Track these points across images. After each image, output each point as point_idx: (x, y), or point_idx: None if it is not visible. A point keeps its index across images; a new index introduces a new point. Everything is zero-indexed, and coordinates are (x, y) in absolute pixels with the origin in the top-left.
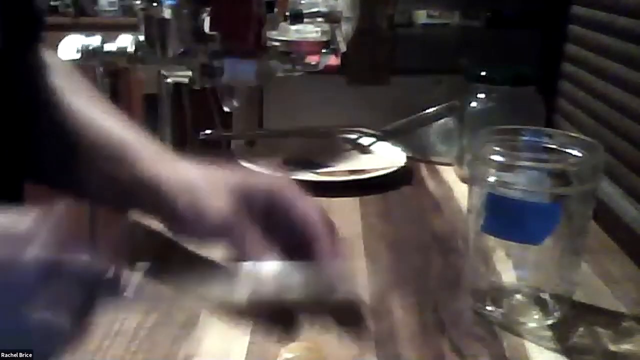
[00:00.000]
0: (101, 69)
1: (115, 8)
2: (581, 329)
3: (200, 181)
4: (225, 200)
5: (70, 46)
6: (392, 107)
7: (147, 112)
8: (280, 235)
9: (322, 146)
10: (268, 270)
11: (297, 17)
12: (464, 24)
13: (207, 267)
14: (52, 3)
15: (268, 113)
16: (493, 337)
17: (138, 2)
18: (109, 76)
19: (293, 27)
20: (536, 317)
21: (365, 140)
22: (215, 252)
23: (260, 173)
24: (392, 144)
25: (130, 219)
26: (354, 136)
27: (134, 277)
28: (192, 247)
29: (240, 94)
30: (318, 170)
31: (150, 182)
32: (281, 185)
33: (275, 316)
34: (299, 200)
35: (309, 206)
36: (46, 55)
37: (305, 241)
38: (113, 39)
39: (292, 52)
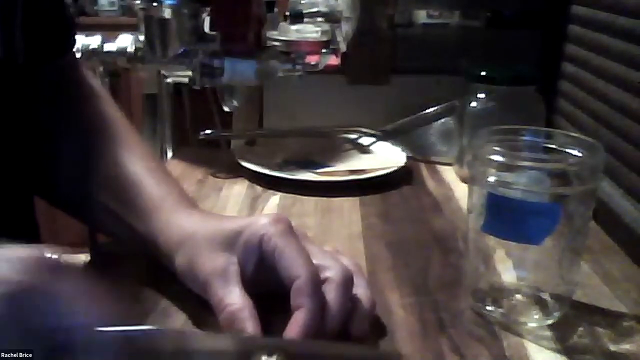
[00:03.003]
0: (101, 69)
1: (115, 8)
2: (581, 329)
3: (197, 234)
4: (220, 254)
5: None
6: (392, 107)
7: (147, 112)
8: (271, 283)
9: (322, 146)
10: None
11: (297, 17)
12: (464, 24)
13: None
14: None
15: (268, 113)
16: (493, 337)
17: (138, 2)
18: (109, 76)
19: (293, 27)
20: (536, 317)
21: (365, 140)
22: None
23: (255, 218)
24: (392, 144)
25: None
26: (354, 136)
27: None
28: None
29: (240, 94)
30: (318, 170)
31: (148, 236)
32: (271, 232)
33: None
34: (286, 250)
35: (296, 257)
36: (88, 80)
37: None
38: (113, 39)
39: (292, 52)
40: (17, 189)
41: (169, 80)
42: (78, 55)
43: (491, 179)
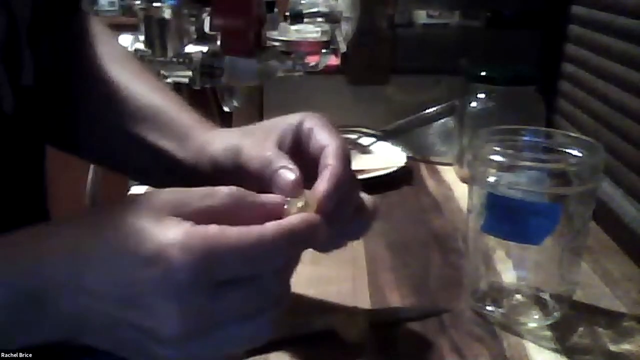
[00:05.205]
0: None
1: (115, 8)
2: (581, 329)
3: (242, 138)
4: (264, 145)
5: None
6: (392, 107)
7: None
8: (303, 164)
9: None
10: None
11: (297, 17)
12: (464, 24)
13: None
14: None
15: (268, 113)
16: (493, 337)
17: (138, 2)
18: None
19: (293, 27)
20: (536, 317)
21: (365, 140)
22: None
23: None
24: (392, 144)
25: None
26: (354, 136)
27: None
28: None
29: (240, 94)
30: None
31: (200, 154)
32: (307, 117)
33: None
34: (323, 128)
35: (330, 132)
36: (91, 24)
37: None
38: None
39: (292, 52)
40: (28, 178)
41: (169, 80)
42: None
43: (491, 179)
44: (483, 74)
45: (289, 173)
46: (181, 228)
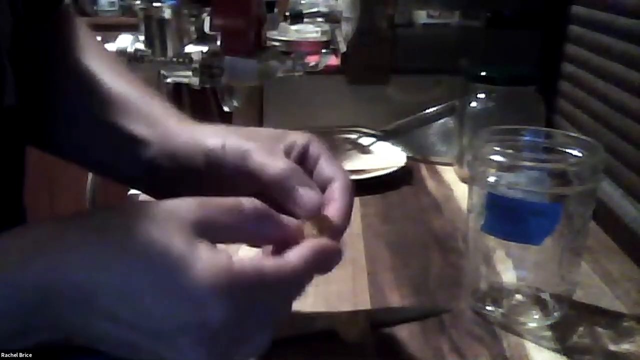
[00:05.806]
0: None
1: (115, 8)
2: (581, 329)
3: (245, 140)
4: (275, 154)
5: None
6: (392, 107)
7: None
8: None
9: None
10: None
11: (297, 17)
12: (464, 24)
13: None
14: None
15: (268, 113)
16: (493, 337)
17: (138, 2)
18: None
19: (293, 27)
20: (536, 317)
21: (365, 140)
22: None
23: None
24: (392, 144)
25: None
26: (354, 136)
27: None
28: None
29: (240, 94)
30: None
31: (192, 146)
32: (312, 141)
33: None
34: (331, 158)
35: (338, 164)
36: (73, 19)
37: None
38: (113, 39)
39: (292, 52)
40: (5, 184)
41: (169, 80)
42: None
43: (491, 179)
44: (483, 74)
45: (314, 194)
46: (219, 266)
